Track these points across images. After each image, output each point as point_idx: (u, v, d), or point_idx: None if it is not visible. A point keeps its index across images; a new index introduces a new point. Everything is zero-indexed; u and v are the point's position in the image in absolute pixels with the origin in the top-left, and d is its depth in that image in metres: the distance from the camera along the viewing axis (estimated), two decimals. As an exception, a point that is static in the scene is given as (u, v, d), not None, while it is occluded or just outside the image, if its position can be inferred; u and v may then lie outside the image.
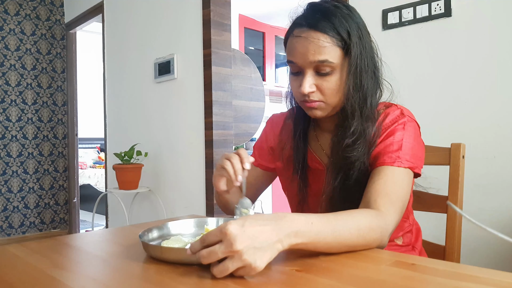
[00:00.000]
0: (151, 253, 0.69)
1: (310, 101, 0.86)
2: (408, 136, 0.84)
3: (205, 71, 2.49)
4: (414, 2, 1.56)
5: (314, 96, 0.85)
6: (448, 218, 1.00)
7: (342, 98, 0.86)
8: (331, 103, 0.86)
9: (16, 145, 3.72)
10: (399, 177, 0.81)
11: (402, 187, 0.81)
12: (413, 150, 0.84)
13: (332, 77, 0.83)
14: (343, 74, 0.84)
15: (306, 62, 0.83)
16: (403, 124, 0.85)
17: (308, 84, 0.83)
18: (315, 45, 0.81)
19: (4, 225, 3.66)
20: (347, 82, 0.84)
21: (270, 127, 1.08)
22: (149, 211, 3.02)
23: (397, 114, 0.87)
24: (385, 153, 0.83)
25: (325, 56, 0.81)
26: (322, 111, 0.87)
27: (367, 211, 0.75)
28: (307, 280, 0.57)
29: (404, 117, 0.86)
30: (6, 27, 3.65)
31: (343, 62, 0.83)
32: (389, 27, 1.64)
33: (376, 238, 0.72)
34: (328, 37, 0.81)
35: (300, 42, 0.83)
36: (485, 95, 1.41)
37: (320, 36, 0.81)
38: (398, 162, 0.81)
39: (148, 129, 3.00)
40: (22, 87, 3.75)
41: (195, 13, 2.57)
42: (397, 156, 0.82)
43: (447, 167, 1.01)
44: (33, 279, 0.61)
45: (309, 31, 0.82)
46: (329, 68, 0.82)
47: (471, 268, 0.60)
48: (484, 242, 1.38)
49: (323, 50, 0.81)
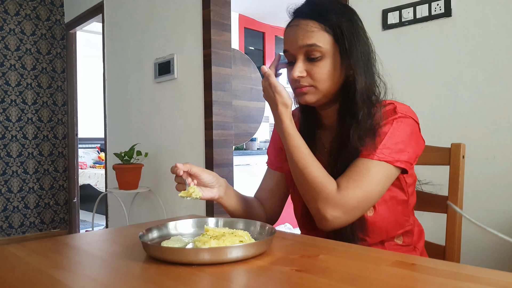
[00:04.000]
0: (151, 253, 0.69)
1: (300, 86, 0.88)
2: (393, 131, 0.85)
3: (205, 71, 2.49)
4: (414, 2, 1.56)
5: (304, 81, 0.88)
6: (448, 218, 1.00)
7: (333, 86, 0.88)
8: (321, 88, 0.87)
9: (16, 145, 3.72)
10: (372, 169, 0.83)
11: (373, 178, 0.82)
12: (398, 145, 0.84)
13: (322, 63, 0.86)
14: (334, 61, 0.86)
15: (296, 47, 0.87)
16: (392, 121, 0.86)
17: (299, 69, 0.87)
18: (304, 30, 0.86)
19: (4, 225, 3.66)
20: (341, 71, 0.87)
21: None
22: (149, 211, 3.02)
23: (390, 111, 0.88)
24: (364, 146, 0.84)
25: (312, 40, 0.85)
26: (312, 95, 0.89)
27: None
28: (307, 280, 0.57)
29: (396, 114, 0.87)
30: (6, 27, 3.65)
31: (334, 49, 0.86)
32: (389, 27, 1.64)
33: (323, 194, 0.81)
34: (316, 22, 0.85)
35: (292, 30, 0.88)
36: (485, 95, 1.41)
37: (308, 22, 0.86)
38: (373, 155, 0.83)
39: (148, 129, 3.00)
40: (22, 87, 3.75)
41: (195, 13, 2.57)
42: (374, 149, 0.83)
43: (447, 167, 1.01)
44: (33, 279, 0.61)
45: (300, 20, 0.88)
46: (318, 53, 0.85)
47: (471, 268, 0.60)
48: (484, 242, 1.38)
49: (311, 34, 0.85)
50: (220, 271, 0.61)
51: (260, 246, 0.68)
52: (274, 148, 1.09)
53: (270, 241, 0.71)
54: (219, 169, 2.47)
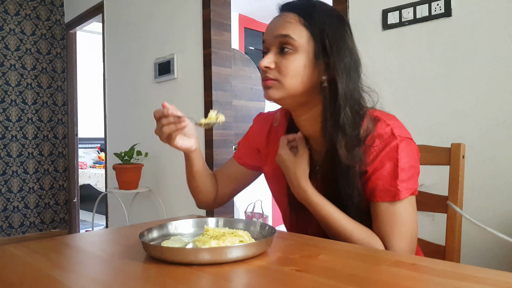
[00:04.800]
0: (151, 253, 0.69)
1: (265, 77, 0.84)
2: (402, 160, 0.79)
3: (205, 71, 2.49)
4: (414, 2, 1.56)
5: (271, 73, 0.83)
6: (448, 218, 1.00)
7: (300, 85, 0.82)
8: (286, 84, 0.82)
9: (16, 145, 3.72)
10: (402, 210, 0.80)
11: (407, 218, 0.80)
12: (411, 172, 0.80)
13: (292, 56, 0.82)
14: (306, 58, 0.82)
15: (271, 37, 0.84)
16: (396, 148, 0.80)
17: (268, 59, 0.83)
18: (282, 20, 0.84)
19: (4, 225, 3.66)
20: (312, 71, 0.82)
21: (257, 128, 1.06)
22: (149, 211, 3.02)
23: (387, 134, 0.81)
24: (383, 188, 0.80)
25: (287, 31, 0.82)
26: (275, 91, 0.83)
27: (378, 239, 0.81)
28: (307, 280, 0.57)
29: (395, 138, 0.80)
30: (6, 27, 3.65)
31: (308, 45, 0.82)
32: (389, 27, 1.64)
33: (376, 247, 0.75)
34: (296, 15, 0.83)
35: (273, 20, 0.86)
36: (485, 95, 1.41)
37: (288, 14, 0.84)
38: (398, 195, 0.79)
39: (148, 129, 3.00)
40: (22, 87, 3.75)
41: (195, 13, 2.57)
42: (396, 190, 0.79)
43: (447, 167, 1.01)
44: (33, 279, 0.61)
45: (281, 12, 0.86)
46: (291, 46, 0.81)
47: (471, 268, 0.60)
48: (484, 242, 1.38)
49: (288, 25, 0.82)
50: (220, 271, 0.61)
51: (260, 246, 0.68)
52: (249, 147, 1.07)
53: (270, 241, 0.71)
54: (219, 169, 2.47)
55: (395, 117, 0.87)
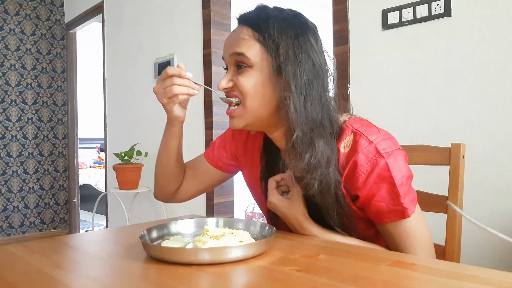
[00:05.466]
0: (151, 253, 0.69)
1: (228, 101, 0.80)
2: (396, 176, 0.74)
3: (205, 71, 2.49)
4: (414, 2, 1.56)
5: (231, 93, 0.80)
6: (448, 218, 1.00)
7: (264, 106, 0.78)
8: (248, 106, 0.78)
9: (16, 145, 3.72)
10: (414, 222, 0.78)
11: (422, 227, 0.80)
12: (407, 184, 0.77)
13: (249, 73, 0.77)
14: (263, 75, 0.77)
15: (227, 54, 0.80)
16: (386, 167, 0.74)
17: (225, 80, 0.80)
18: (236, 37, 0.79)
19: (4, 225, 3.66)
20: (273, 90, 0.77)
21: (235, 134, 1.02)
22: (149, 211, 3.02)
23: (372, 154, 0.75)
24: (389, 210, 0.77)
25: (241, 49, 0.77)
26: (239, 119, 0.80)
27: None
28: (307, 280, 0.57)
29: (381, 156, 0.74)
30: (6, 27, 3.65)
31: (264, 62, 0.77)
32: (389, 27, 1.64)
33: None
34: (251, 30, 0.77)
35: (228, 36, 0.82)
36: (485, 95, 1.41)
37: (243, 29, 0.79)
38: (406, 213, 0.76)
39: (148, 129, 3.00)
40: (22, 87, 3.75)
41: (195, 13, 2.57)
42: (403, 208, 0.76)
43: (447, 167, 1.01)
44: (33, 279, 0.61)
45: (239, 26, 0.81)
46: (245, 64, 0.77)
47: (471, 268, 0.60)
48: (484, 242, 1.38)
49: (242, 42, 0.77)
50: (220, 271, 0.61)
51: (260, 246, 0.68)
52: (225, 151, 1.02)
53: (270, 241, 0.71)
54: (219, 169, 2.47)
55: (372, 125, 0.80)
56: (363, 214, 0.83)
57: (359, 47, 1.72)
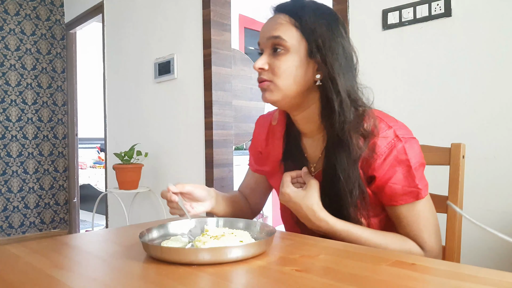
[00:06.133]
0: (151, 253, 0.69)
1: (260, 79, 0.86)
2: (412, 160, 0.81)
3: (205, 71, 2.49)
4: (414, 2, 1.56)
5: (265, 74, 0.86)
6: (448, 218, 1.00)
7: (295, 85, 0.84)
8: (280, 85, 0.84)
9: (16, 145, 3.72)
10: (425, 206, 0.83)
11: (431, 213, 0.84)
12: (421, 170, 0.83)
13: (284, 57, 0.83)
14: (299, 58, 0.83)
15: (264, 39, 0.86)
16: (403, 150, 0.81)
17: (261, 61, 0.85)
18: (274, 22, 0.85)
19: (4, 225, 3.66)
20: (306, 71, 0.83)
21: (257, 131, 1.07)
22: (149, 211, 3.02)
23: (390, 137, 0.81)
24: (404, 191, 0.81)
25: (279, 33, 0.83)
26: (271, 93, 0.85)
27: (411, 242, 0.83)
28: (307, 280, 0.57)
29: (399, 140, 0.81)
30: (6, 27, 3.65)
31: (300, 45, 0.83)
32: (389, 27, 1.64)
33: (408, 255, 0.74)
34: (287, 16, 0.84)
35: (266, 22, 0.88)
36: (485, 95, 1.41)
37: (280, 15, 0.85)
38: (420, 194, 0.81)
39: (148, 129, 3.00)
40: (22, 87, 3.75)
41: (195, 13, 2.57)
42: (418, 189, 0.81)
43: (447, 167, 1.01)
44: (33, 279, 0.61)
45: (274, 13, 0.87)
46: (282, 47, 0.83)
47: (471, 268, 0.60)
48: (484, 242, 1.38)
49: (279, 26, 0.84)
50: (220, 271, 0.61)
51: (260, 246, 0.68)
52: (255, 152, 1.07)
53: (270, 241, 0.71)
54: (219, 169, 2.47)
55: (394, 118, 0.88)
56: (374, 200, 0.86)
57: (359, 47, 1.71)
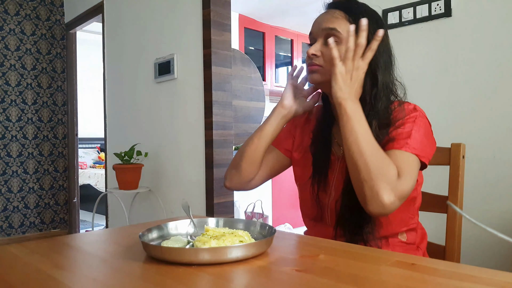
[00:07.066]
0: (151, 253, 0.69)
1: (311, 63, 0.94)
2: (417, 129, 0.88)
3: (205, 71, 2.49)
4: (414, 2, 1.56)
5: (316, 60, 0.94)
6: (448, 218, 1.00)
7: None
8: (328, 71, 0.91)
9: (16, 145, 3.72)
10: (408, 159, 0.85)
11: (412, 167, 0.85)
12: (422, 142, 0.87)
13: (337, 47, 0.89)
14: None
15: (319, 29, 0.95)
16: (414, 118, 0.89)
17: (315, 48, 0.94)
18: (330, 16, 0.94)
19: (4, 225, 3.66)
20: None
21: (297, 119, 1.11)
22: (149, 211, 3.02)
23: (410, 108, 0.92)
24: (395, 140, 0.87)
25: (334, 25, 0.92)
26: (319, 75, 0.94)
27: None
28: (307, 280, 0.57)
29: (417, 111, 0.91)
30: (6, 27, 3.65)
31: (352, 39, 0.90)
32: (389, 27, 1.64)
33: (387, 177, 0.78)
34: (342, 12, 0.94)
35: (319, 15, 0.98)
36: (485, 95, 1.41)
37: (336, 11, 0.95)
38: (406, 147, 0.85)
39: (148, 129, 3.00)
40: (22, 87, 3.75)
41: (195, 13, 2.57)
42: (405, 143, 0.86)
43: (447, 167, 1.01)
44: (33, 279, 0.61)
45: (330, 9, 0.97)
46: (336, 38, 0.91)
47: (471, 268, 0.60)
48: (484, 242, 1.38)
49: (335, 20, 0.93)
50: (220, 271, 0.61)
51: (260, 246, 0.68)
52: (288, 133, 1.11)
53: (270, 241, 0.71)
54: (219, 169, 2.47)
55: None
56: None
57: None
